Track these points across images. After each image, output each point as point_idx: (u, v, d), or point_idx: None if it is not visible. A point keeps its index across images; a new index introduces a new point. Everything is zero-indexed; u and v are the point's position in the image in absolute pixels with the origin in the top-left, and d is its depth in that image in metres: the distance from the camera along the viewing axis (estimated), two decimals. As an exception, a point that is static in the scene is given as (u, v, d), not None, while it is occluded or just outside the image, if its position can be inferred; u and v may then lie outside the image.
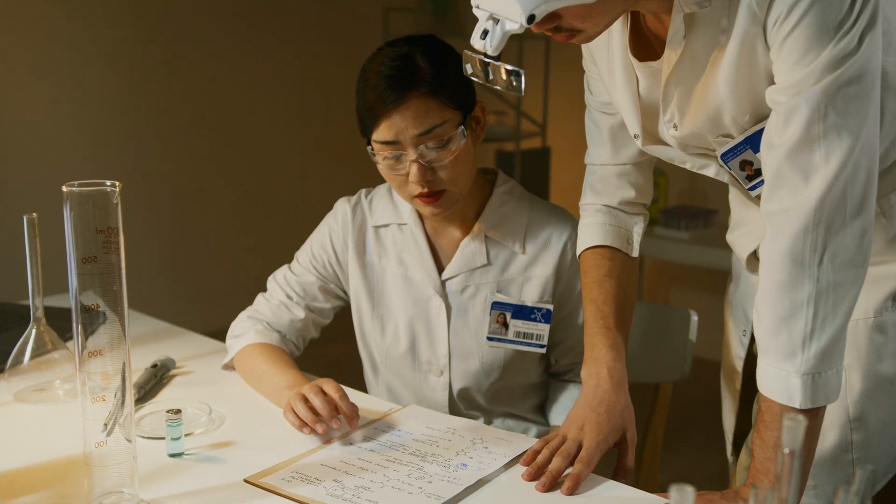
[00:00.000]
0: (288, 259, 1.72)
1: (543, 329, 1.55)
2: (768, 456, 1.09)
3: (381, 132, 1.44)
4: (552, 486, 1.20)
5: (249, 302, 1.71)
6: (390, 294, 1.63)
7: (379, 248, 1.64)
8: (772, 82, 1.07)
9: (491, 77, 1.12)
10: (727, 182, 1.29)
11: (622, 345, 1.36)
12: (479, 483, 1.23)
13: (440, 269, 1.60)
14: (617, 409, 1.28)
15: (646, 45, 1.23)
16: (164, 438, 1.31)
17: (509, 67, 1.11)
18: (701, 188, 4.11)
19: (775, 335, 1.06)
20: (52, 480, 1.23)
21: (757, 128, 1.13)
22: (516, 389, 1.63)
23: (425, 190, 1.46)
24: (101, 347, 1.10)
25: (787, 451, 0.76)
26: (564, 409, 1.59)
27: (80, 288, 1.08)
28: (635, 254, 1.45)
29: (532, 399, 1.66)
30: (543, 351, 1.56)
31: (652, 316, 1.91)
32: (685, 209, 3.86)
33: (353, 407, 1.36)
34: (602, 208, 1.45)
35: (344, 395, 1.37)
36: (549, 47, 4.61)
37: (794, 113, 1.02)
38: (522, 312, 1.56)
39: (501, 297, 1.57)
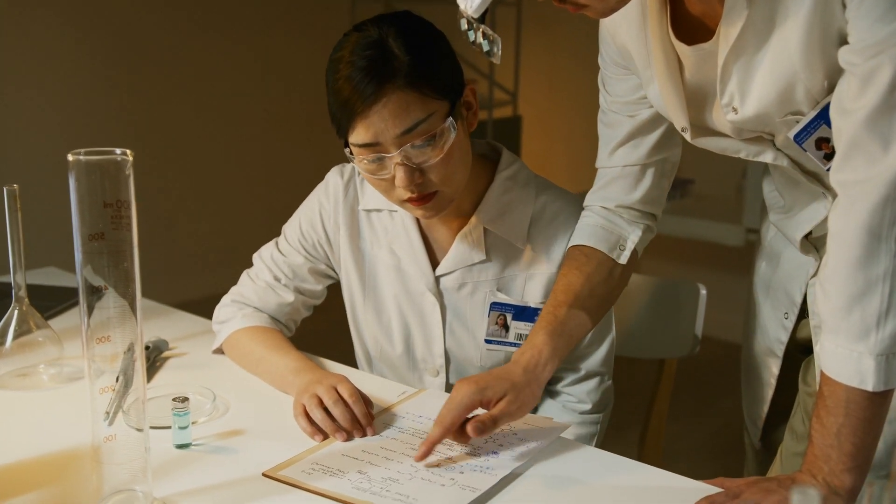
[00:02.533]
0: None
1: None
2: (829, 443, 1.02)
3: (358, 134, 1.27)
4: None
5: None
6: (383, 284, 1.50)
7: (371, 234, 1.50)
8: (844, 43, 0.99)
9: (473, 39, 1.05)
10: (785, 167, 1.21)
11: (564, 334, 1.27)
12: (514, 473, 1.15)
13: (434, 263, 1.47)
14: (510, 380, 1.20)
15: (689, 28, 1.14)
16: (167, 428, 1.22)
17: (488, 32, 1.04)
18: (675, 159, 4.06)
19: (847, 314, 1.00)
20: (47, 478, 1.13)
21: (828, 99, 1.05)
22: None
23: (415, 195, 1.31)
24: (109, 332, 1.00)
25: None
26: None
27: (86, 266, 0.98)
28: (623, 261, 1.35)
29: None
30: None
31: (657, 290, 1.85)
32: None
33: (370, 414, 1.26)
34: (599, 210, 1.36)
35: (359, 399, 1.26)
36: (520, 15, 4.52)
37: (876, 74, 0.95)
38: (525, 314, 1.44)
39: (502, 297, 1.44)
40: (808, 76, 1.04)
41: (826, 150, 1.09)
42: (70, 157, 0.94)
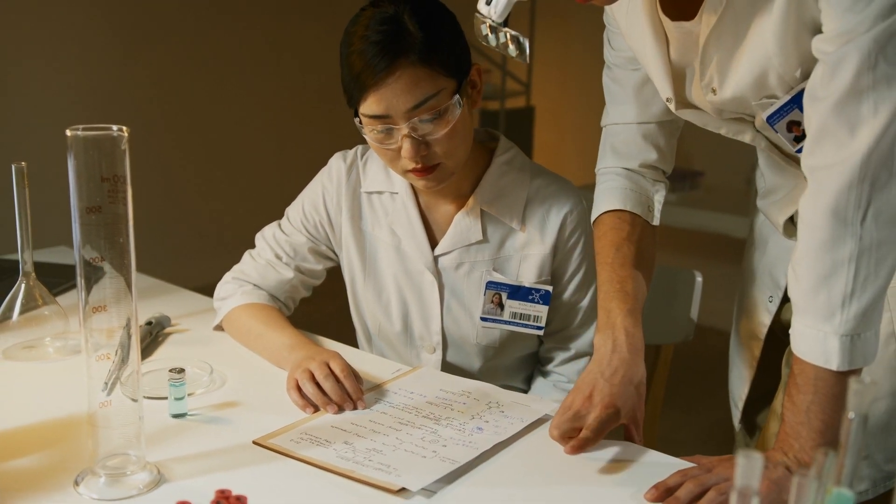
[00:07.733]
0: (270, 213, 1.64)
1: (542, 311, 1.47)
2: (800, 420, 1.05)
3: (370, 105, 1.33)
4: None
5: (234, 258, 1.63)
6: (383, 264, 1.55)
7: (372, 215, 1.55)
8: (818, 33, 1.02)
9: (496, 42, 1.09)
10: (763, 148, 1.23)
11: (639, 312, 1.28)
12: (496, 448, 1.18)
13: (433, 243, 1.51)
14: (633, 381, 1.21)
15: (675, 3, 1.16)
16: (165, 398, 1.26)
17: (513, 34, 1.07)
18: (686, 150, 4.07)
19: (814, 295, 1.03)
20: (47, 442, 1.18)
21: (803, 85, 1.08)
22: (511, 364, 1.58)
23: (419, 165, 1.37)
24: (105, 302, 1.04)
25: (851, 416, 0.73)
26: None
27: (84, 240, 1.02)
28: (656, 222, 1.37)
29: (528, 370, 1.61)
30: (541, 333, 1.50)
31: (654, 277, 1.87)
32: (672, 171, 3.82)
33: (360, 389, 1.30)
34: (622, 171, 1.37)
35: (350, 374, 1.31)
36: (534, 7, 4.53)
37: (843, 62, 0.97)
38: (519, 293, 1.48)
39: (497, 277, 1.48)
40: (782, 63, 1.07)
41: (797, 132, 1.12)
42: (68, 133, 0.98)
